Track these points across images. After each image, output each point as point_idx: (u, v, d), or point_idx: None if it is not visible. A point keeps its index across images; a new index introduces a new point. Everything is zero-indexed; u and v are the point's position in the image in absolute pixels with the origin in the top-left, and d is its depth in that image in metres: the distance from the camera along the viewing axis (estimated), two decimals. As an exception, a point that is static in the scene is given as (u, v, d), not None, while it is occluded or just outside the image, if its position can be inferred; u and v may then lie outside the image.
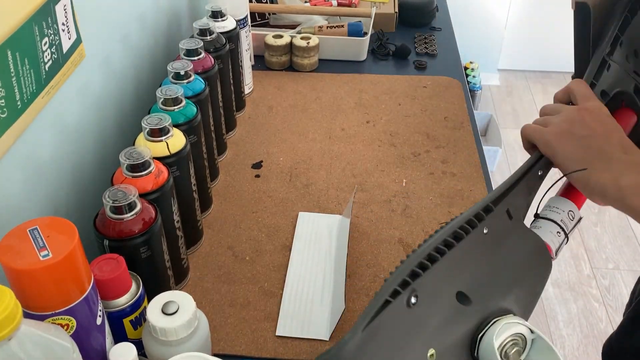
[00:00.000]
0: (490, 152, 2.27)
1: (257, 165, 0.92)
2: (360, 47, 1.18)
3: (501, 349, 0.48)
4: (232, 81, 0.94)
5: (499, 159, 2.34)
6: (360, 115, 1.04)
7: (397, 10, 1.31)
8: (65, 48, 0.67)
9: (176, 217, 0.68)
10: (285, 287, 0.73)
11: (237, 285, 0.73)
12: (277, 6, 1.26)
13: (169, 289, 0.66)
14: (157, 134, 0.67)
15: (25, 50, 0.58)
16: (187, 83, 0.77)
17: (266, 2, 1.26)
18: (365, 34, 1.20)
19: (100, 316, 0.52)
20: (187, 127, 0.72)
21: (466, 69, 2.65)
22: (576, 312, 1.82)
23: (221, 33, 0.90)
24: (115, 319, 0.56)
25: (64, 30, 0.66)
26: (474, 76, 2.62)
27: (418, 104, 1.07)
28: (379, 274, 0.75)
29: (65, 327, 0.48)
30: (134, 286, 0.58)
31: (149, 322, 0.53)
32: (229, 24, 0.93)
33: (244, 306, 0.70)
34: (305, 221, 0.82)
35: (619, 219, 2.13)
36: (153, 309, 0.54)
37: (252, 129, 1.00)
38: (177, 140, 0.69)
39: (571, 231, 0.59)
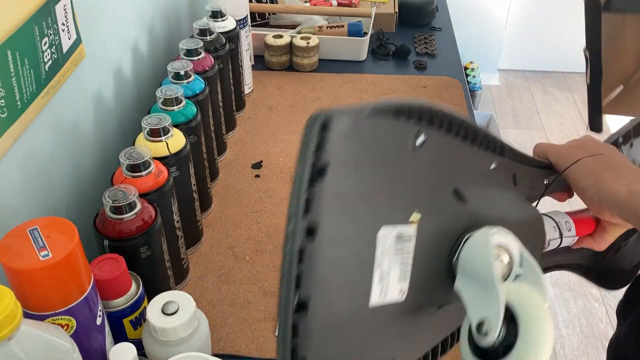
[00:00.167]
0: (490, 152, 2.27)
1: (257, 165, 0.92)
2: (360, 47, 1.18)
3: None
4: (232, 81, 0.94)
5: (499, 159, 2.34)
6: (360, 115, 1.04)
7: (397, 10, 1.31)
8: (65, 48, 0.67)
9: (176, 217, 0.68)
10: None
11: (237, 285, 0.73)
12: (277, 6, 1.26)
13: (169, 289, 0.66)
14: (157, 134, 0.67)
15: (25, 50, 0.58)
16: (187, 83, 0.77)
17: (266, 2, 1.26)
18: (365, 34, 1.20)
19: (100, 316, 0.52)
20: (187, 127, 0.72)
21: (466, 69, 2.65)
22: (576, 312, 1.82)
23: (221, 33, 0.90)
24: (115, 319, 0.56)
25: (63, 30, 0.66)
26: (474, 76, 2.62)
27: (418, 104, 1.07)
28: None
29: (65, 327, 0.48)
30: (133, 286, 0.58)
31: (149, 322, 0.53)
32: (229, 24, 0.93)
33: (244, 306, 0.70)
34: None
35: (619, 219, 2.13)
36: (153, 309, 0.54)
37: (252, 129, 1.00)
38: (177, 140, 0.69)
39: (565, 239, 0.59)
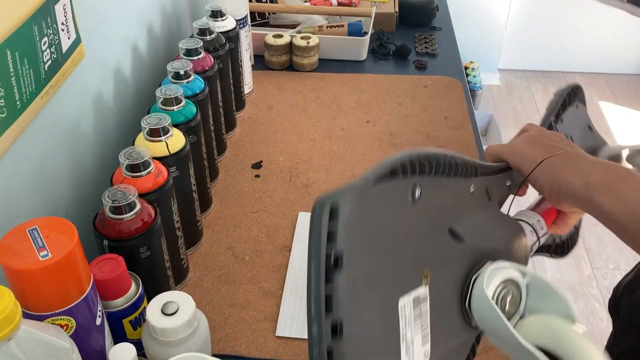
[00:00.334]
0: (491, 152, 2.27)
1: (257, 165, 0.92)
2: (360, 46, 1.18)
3: (495, 299, 0.45)
4: (231, 81, 0.94)
5: (499, 158, 2.34)
6: (360, 115, 1.04)
7: (397, 10, 1.31)
8: (65, 48, 0.67)
9: (176, 217, 0.67)
10: (285, 287, 0.73)
11: (237, 286, 0.73)
12: (277, 6, 1.25)
13: (168, 289, 0.66)
14: (156, 133, 0.67)
15: (24, 50, 0.58)
16: (187, 83, 0.77)
17: (266, 2, 1.26)
18: (365, 33, 1.19)
19: (99, 316, 0.52)
20: (186, 127, 0.72)
21: (466, 68, 2.65)
22: (577, 313, 1.82)
23: (221, 33, 0.90)
24: (115, 319, 0.56)
25: (63, 30, 0.66)
26: (474, 76, 2.62)
27: (418, 103, 1.07)
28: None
29: (65, 327, 0.48)
30: (133, 286, 0.57)
31: (148, 322, 0.53)
32: (228, 23, 0.93)
33: (244, 306, 0.70)
34: (305, 221, 0.82)
35: (619, 219, 2.13)
36: (153, 309, 0.54)
37: (252, 129, 1.00)
38: (176, 140, 0.69)
39: (542, 237, 0.59)
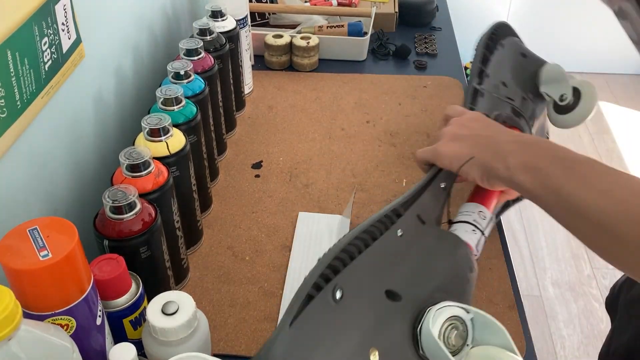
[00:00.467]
0: (491, 152, 2.27)
1: (257, 165, 0.92)
2: (360, 47, 1.18)
3: (442, 336, 0.48)
4: (232, 81, 0.94)
5: (499, 159, 2.34)
6: (360, 115, 1.04)
7: (397, 10, 1.31)
8: (65, 48, 0.67)
9: (176, 217, 0.68)
10: (285, 287, 0.73)
11: (237, 285, 0.73)
12: (277, 6, 1.26)
13: (168, 289, 0.66)
14: (157, 133, 0.67)
15: (25, 50, 0.58)
16: (187, 83, 0.77)
17: (266, 2, 1.26)
18: (365, 33, 1.20)
19: (100, 316, 0.52)
20: (187, 127, 0.72)
21: (466, 68, 2.65)
22: (576, 312, 1.82)
23: (221, 33, 0.90)
24: (115, 319, 0.56)
25: (63, 30, 0.66)
26: (474, 76, 2.62)
27: (418, 103, 1.07)
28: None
29: (65, 327, 0.48)
30: (133, 286, 0.58)
31: (148, 322, 0.53)
32: (228, 23, 0.93)
33: (244, 306, 0.70)
34: (305, 221, 0.82)
35: (619, 219, 2.13)
36: (153, 309, 0.54)
37: (252, 129, 1.00)
38: (177, 140, 0.69)
39: (487, 228, 0.63)
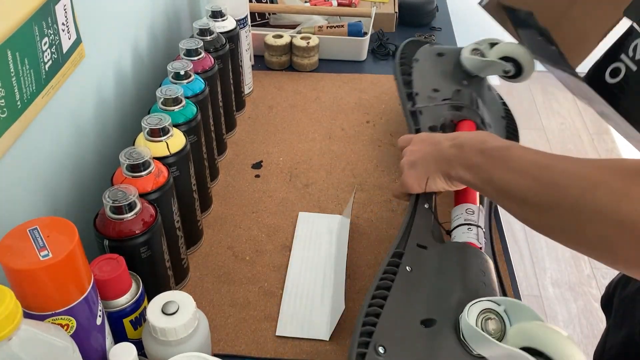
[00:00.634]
0: (490, 152, 2.26)
1: (257, 165, 0.92)
2: (360, 47, 1.18)
3: (478, 325, 0.52)
4: (232, 81, 0.94)
5: (499, 159, 2.34)
6: (360, 115, 1.04)
7: (397, 10, 1.31)
8: (65, 48, 0.67)
9: (176, 217, 0.68)
10: (285, 287, 0.73)
11: (237, 285, 0.73)
12: (277, 6, 1.26)
13: (169, 289, 0.66)
14: (157, 134, 0.67)
15: (25, 50, 0.58)
16: (187, 83, 0.77)
17: (266, 2, 1.26)
18: (365, 34, 1.20)
19: (100, 316, 0.52)
20: (187, 127, 0.72)
21: (466, 69, 2.64)
22: (576, 312, 1.82)
23: (221, 33, 0.90)
24: (115, 319, 0.56)
25: (63, 30, 0.66)
26: (474, 76, 2.62)
27: (418, 104, 1.07)
28: (379, 274, 0.75)
29: (65, 327, 0.48)
30: (134, 286, 0.58)
31: (149, 322, 0.53)
32: (228, 24, 0.93)
33: (244, 306, 0.70)
34: (305, 221, 0.82)
35: (619, 219, 2.13)
36: (153, 309, 0.54)
37: (252, 129, 1.00)
38: (177, 140, 0.69)
39: (480, 219, 0.68)
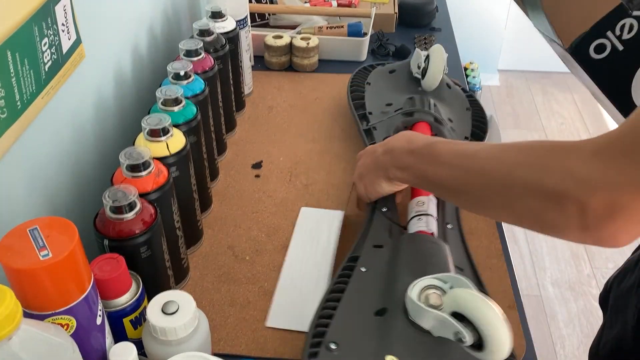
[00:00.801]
0: (490, 153, 2.27)
1: (257, 165, 0.92)
2: (360, 47, 1.18)
3: (420, 300, 0.56)
4: (232, 81, 0.94)
5: (499, 159, 2.34)
6: (360, 116, 1.04)
7: (396, 10, 1.31)
8: (65, 48, 0.67)
9: (176, 217, 0.68)
10: (279, 280, 0.73)
11: (237, 285, 0.73)
12: (276, 7, 1.26)
13: (169, 288, 0.66)
14: (157, 134, 0.67)
15: (25, 50, 0.58)
16: (187, 83, 0.77)
17: (266, 3, 1.26)
18: (365, 34, 1.20)
19: (100, 316, 0.52)
20: (187, 128, 0.73)
21: (466, 69, 2.65)
22: (576, 312, 1.82)
23: (221, 33, 0.90)
24: (115, 318, 0.56)
25: (63, 31, 0.66)
26: (473, 76, 2.62)
27: (418, 104, 1.07)
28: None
29: (65, 326, 0.48)
30: (134, 286, 0.58)
31: (149, 321, 0.53)
32: (228, 24, 0.93)
33: (244, 306, 0.71)
34: (306, 217, 0.82)
35: (619, 219, 2.13)
36: (153, 309, 0.54)
37: (252, 129, 1.00)
38: (177, 141, 0.69)
39: (429, 208, 0.73)
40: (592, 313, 1.81)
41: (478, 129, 0.94)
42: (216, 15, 0.92)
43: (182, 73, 0.77)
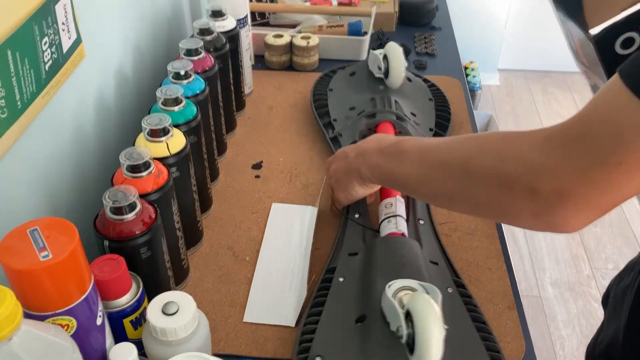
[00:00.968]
0: (490, 152, 2.27)
1: (257, 166, 0.92)
2: (360, 46, 1.18)
3: (395, 299, 0.58)
4: (232, 81, 0.94)
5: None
6: (360, 115, 1.04)
7: (397, 9, 1.31)
8: (65, 48, 0.67)
9: (176, 218, 0.68)
10: (254, 276, 0.74)
11: (237, 285, 0.73)
12: (277, 5, 1.26)
13: (169, 289, 0.66)
14: (157, 134, 0.67)
15: (25, 50, 0.58)
16: (187, 83, 0.77)
17: (266, 2, 1.26)
18: (365, 33, 1.20)
19: (100, 316, 0.52)
20: (187, 128, 0.72)
21: (466, 68, 2.65)
22: (576, 313, 1.82)
23: (221, 33, 0.90)
24: (116, 319, 0.56)
25: (64, 30, 0.66)
26: (473, 76, 2.62)
27: (418, 104, 1.07)
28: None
29: (66, 327, 0.48)
30: (134, 286, 0.58)
31: (149, 322, 0.53)
32: (229, 23, 0.93)
33: (244, 306, 0.70)
34: (277, 212, 0.83)
35: (618, 220, 2.13)
36: (153, 309, 0.54)
37: (252, 129, 1.00)
38: (177, 141, 0.69)
39: (397, 209, 0.74)
40: (591, 314, 1.81)
41: (441, 119, 0.96)
42: (216, 14, 0.92)
43: (182, 72, 0.77)
